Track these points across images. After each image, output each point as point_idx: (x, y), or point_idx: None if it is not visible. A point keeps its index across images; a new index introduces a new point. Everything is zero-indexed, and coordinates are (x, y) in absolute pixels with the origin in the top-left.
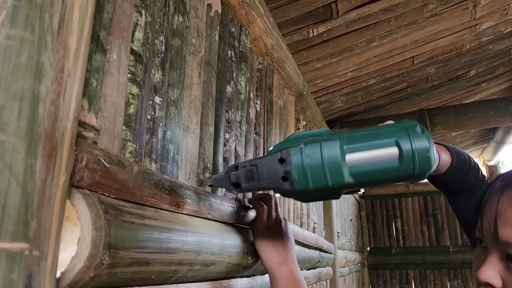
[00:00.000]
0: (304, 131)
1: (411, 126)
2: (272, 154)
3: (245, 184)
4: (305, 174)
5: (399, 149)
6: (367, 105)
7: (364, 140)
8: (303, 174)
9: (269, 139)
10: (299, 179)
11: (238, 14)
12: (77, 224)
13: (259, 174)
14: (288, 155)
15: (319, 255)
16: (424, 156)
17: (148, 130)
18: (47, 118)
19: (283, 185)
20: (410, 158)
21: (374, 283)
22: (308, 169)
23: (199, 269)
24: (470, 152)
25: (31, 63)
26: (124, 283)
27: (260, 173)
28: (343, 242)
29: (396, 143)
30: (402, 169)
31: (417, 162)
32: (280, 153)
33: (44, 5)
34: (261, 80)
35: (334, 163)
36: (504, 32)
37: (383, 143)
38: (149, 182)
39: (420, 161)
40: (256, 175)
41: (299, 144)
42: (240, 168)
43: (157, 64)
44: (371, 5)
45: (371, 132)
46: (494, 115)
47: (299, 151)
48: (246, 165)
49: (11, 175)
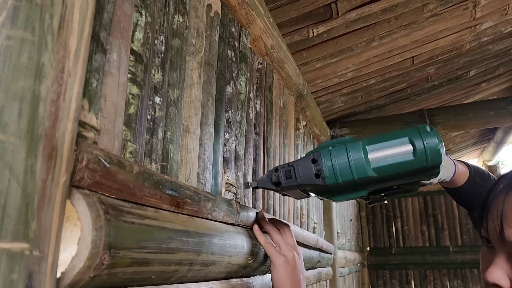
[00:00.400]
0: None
1: (422, 127)
2: (305, 156)
3: (284, 182)
4: (335, 171)
5: (412, 145)
6: (367, 105)
7: (383, 140)
8: (332, 171)
9: (269, 139)
10: (329, 176)
11: (238, 14)
12: (77, 224)
13: (295, 173)
14: (319, 156)
15: (319, 255)
16: (435, 149)
17: (148, 130)
18: (48, 118)
19: (316, 181)
20: (422, 152)
21: (374, 283)
22: (337, 166)
23: (199, 269)
24: (469, 152)
25: (32, 64)
26: (124, 283)
27: (296, 172)
28: (343, 242)
29: (410, 140)
30: (416, 162)
31: (429, 155)
32: (313, 155)
33: (45, 5)
34: (261, 80)
35: (358, 160)
36: (504, 32)
37: (399, 142)
38: (149, 182)
39: (431, 154)
40: (293, 174)
41: (328, 147)
42: (280, 169)
43: (157, 64)
44: (371, 5)
45: (388, 134)
46: (494, 115)
47: (328, 152)
48: (284, 167)
49: (12, 175)
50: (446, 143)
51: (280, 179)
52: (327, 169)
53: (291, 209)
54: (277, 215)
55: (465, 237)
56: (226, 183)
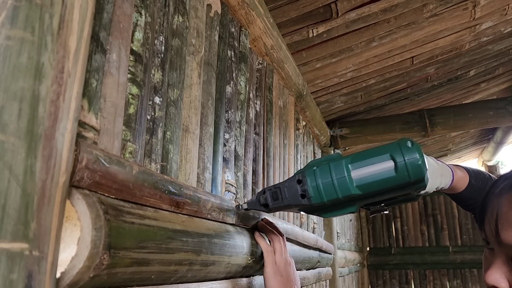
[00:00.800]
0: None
1: (403, 142)
2: (291, 178)
3: (272, 203)
4: (319, 190)
5: (394, 162)
6: (367, 105)
7: (365, 158)
8: (317, 191)
9: (268, 139)
10: (314, 195)
11: (238, 14)
12: (77, 224)
13: (282, 194)
14: (304, 177)
15: (319, 255)
16: (415, 165)
17: (148, 130)
18: (47, 119)
19: (302, 201)
20: (403, 168)
21: (374, 283)
22: (321, 186)
23: (198, 269)
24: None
25: (31, 64)
26: (124, 283)
27: (283, 194)
28: (343, 242)
29: (391, 156)
30: (398, 177)
31: (410, 170)
32: (298, 176)
33: (44, 5)
34: (260, 80)
35: (341, 179)
36: (503, 32)
37: (380, 158)
38: (149, 182)
39: (412, 169)
40: (280, 195)
41: (312, 167)
42: (267, 191)
43: (157, 64)
44: (370, 6)
45: (371, 151)
46: (493, 115)
47: (313, 173)
48: (271, 189)
49: (11, 175)
50: (445, 143)
51: (268, 201)
52: (312, 189)
53: None
54: (277, 215)
55: (464, 237)
56: (226, 183)
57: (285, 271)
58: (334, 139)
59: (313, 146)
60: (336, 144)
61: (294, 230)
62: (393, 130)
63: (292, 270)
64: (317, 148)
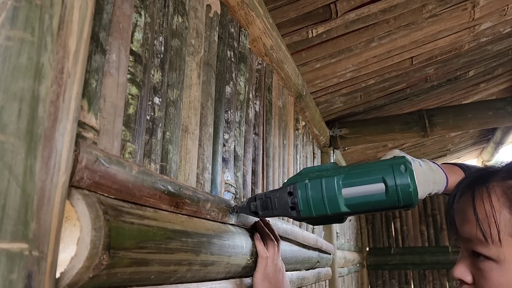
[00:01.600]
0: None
1: (397, 165)
2: (282, 188)
3: (261, 212)
4: (309, 205)
5: (385, 185)
6: (366, 106)
7: (357, 177)
8: (307, 205)
9: (268, 140)
10: (304, 209)
11: (238, 15)
12: (76, 224)
13: (272, 204)
14: (295, 189)
15: (318, 255)
16: (406, 191)
17: (148, 130)
18: (47, 119)
19: (291, 214)
20: (394, 192)
21: (373, 283)
22: (311, 201)
23: (198, 269)
24: (469, 152)
25: (31, 64)
26: (123, 283)
27: (273, 204)
28: (342, 242)
29: (383, 179)
30: (388, 201)
31: (400, 195)
32: (289, 188)
33: (44, 6)
34: (260, 80)
35: (331, 196)
36: (502, 32)
37: (372, 180)
38: (149, 183)
39: (403, 195)
40: (270, 205)
41: (304, 180)
42: (257, 199)
43: (156, 64)
44: (370, 6)
45: (365, 169)
46: (493, 115)
47: (304, 186)
48: (262, 197)
49: (11, 176)
50: (445, 144)
51: (257, 209)
52: (302, 203)
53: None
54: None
55: None
56: (225, 183)
57: (274, 278)
58: (333, 139)
59: (313, 146)
60: (335, 144)
61: (293, 230)
62: (392, 130)
63: (282, 276)
64: (317, 148)
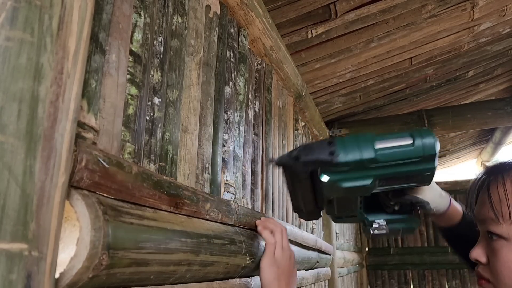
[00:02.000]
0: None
1: (423, 129)
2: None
3: (304, 156)
4: (346, 149)
5: (412, 139)
6: (366, 106)
7: (388, 135)
8: (344, 149)
9: (267, 140)
10: (341, 153)
11: (237, 15)
12: (76, 224)
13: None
14: (334, 139)
15: (318, 255)
16: (430, 142)
17: (147, 130)
18: (46, 119)
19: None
20: (419, 144)
21: (373, 284)
22: (348, 147)
23: (197, 269)
24: (468, 152)
25: (31, 65)
26: (123, 283)
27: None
28: (342, 242)
29: (410, 134)
30: (414, 150)
31: (425, 146)
32: (329, 139)
33: (44, 6)
34: (259, 80)
35: (366, 144)
36: (502, 33)
37: (401, 135)
38: (148, 183)
39: (427, 145)
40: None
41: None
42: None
43: (156, 65)
44: (369, 6)
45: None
46: (492, 115)
47: (342, 138)
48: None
49: (11, 176)
50: (444, 144)
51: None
52: (340, 148)
53: (290, 209)
54: (276, 215)
55: None
56: (225, 183)
57: (282, 264)
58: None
59: None
60: None
61: (293, 231)
62: (392, 131)
63: (291, 262)
64: None
